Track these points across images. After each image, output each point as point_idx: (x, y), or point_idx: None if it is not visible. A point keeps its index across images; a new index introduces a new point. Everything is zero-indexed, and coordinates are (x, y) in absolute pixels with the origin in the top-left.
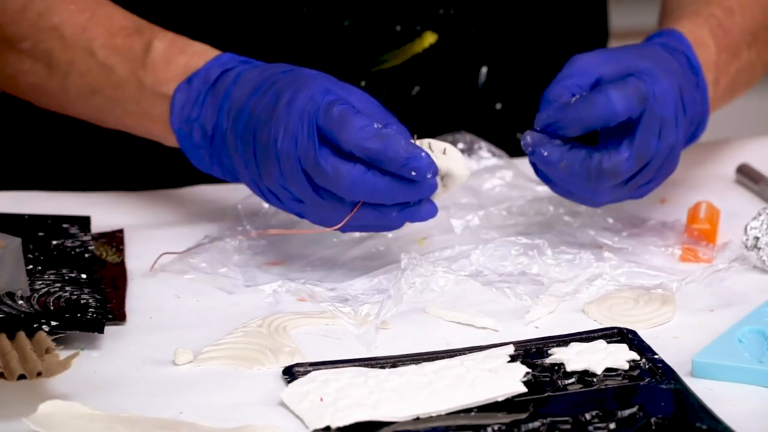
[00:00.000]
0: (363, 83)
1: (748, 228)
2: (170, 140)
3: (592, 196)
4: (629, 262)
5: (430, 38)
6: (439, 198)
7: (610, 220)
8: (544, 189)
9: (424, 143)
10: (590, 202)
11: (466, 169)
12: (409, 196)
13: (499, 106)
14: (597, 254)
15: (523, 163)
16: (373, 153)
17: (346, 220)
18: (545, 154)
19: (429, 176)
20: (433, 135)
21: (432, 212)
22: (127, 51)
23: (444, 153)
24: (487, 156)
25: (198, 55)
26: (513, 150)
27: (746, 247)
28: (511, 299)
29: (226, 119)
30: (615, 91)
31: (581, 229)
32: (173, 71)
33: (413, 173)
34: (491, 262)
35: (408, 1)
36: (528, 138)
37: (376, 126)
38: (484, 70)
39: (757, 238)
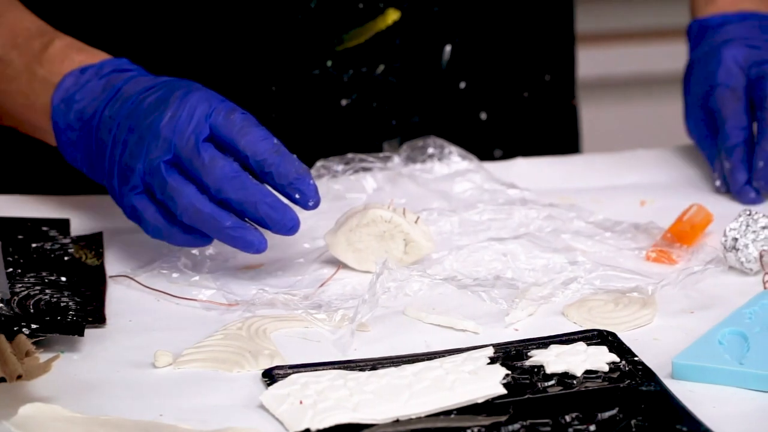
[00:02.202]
0: (329, 63)
1: (728, 229)
2: (50, 132)
3: None
4: (603, 265)
5: (393, 15)
6: (398, 263)
7: (584, 224)
8: (514, 192)
9: (398, 209)
10: None
11: (432, 244)
12: (270, 212)
13: (463, 84)
14: (571, 258)
15: (493, 166)
16: (267, 164)
17: (324, 283)
18: None
19: (311, 204)
20: (399, 114)
21: (259, 246)
22: (26, 48)
23: (416, 222)
24: (457, 160)
25: (96, 56)
26: (476, 130)
27: (725, 248)
28: (487, 303)
29: (110, 107)
30: None
31: (554, 234)
32: (68, 65)
33: (297, 195)
34: (465, 267)
35: None
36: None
37: (275, 141)
38: (447, 48)
39: (736, 239)
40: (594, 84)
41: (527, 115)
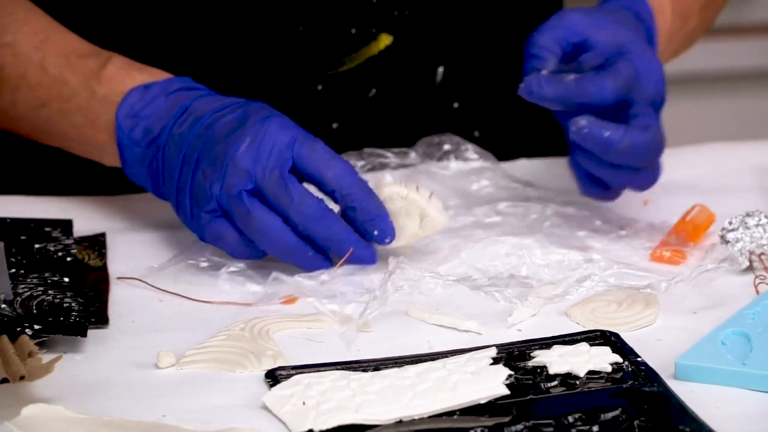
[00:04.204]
0: (320, 87)
1: (726, 223)
2: (111, 151)
3: (632, 180)
4: (618, 263)
5: (385, 40)
6: (412, 239)
7: (599, 222)
8: (530, 190)
9: (411, 186)
10: (615, 190)
11: (446, 218)
12: (354, 244)
13: (456, 105)
14: (586, 255)
15: (510, 165)
16: (351, 199)
17: (342, 261)
18: (607, 134)
19: (387, 241)
20: (391, 137)
21: (368, 260)
22: (81, 67)
23: (430, 198)
24: (473, 157)
25: (157, 75)
26: None
27: (720, 240)
28: (500, 302)
29: (179, 125)
30: (610, 82)
31: (570, 231)
32: (129, 84)
33: (376, 232)
34: (480, 261)
35: (363, 5)
36: (583, 122)
37: (358, 177)
38: (440, 69)
39: (729, 231)
40: None
41: (518, 125)
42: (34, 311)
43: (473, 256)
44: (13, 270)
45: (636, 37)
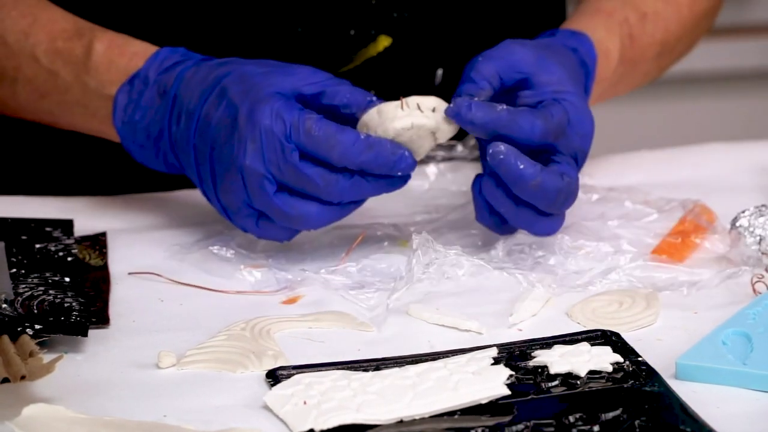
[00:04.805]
0: None
1: (740, 212)
2: (116, 137)
3: (534, 223)
4: (645, 256)
5: (384, 42)
6: (431, 149)
7: (631, 205)
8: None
9: (412, 102)
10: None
11: (456, 123)
12: (390, 188)
13: None
14: (616, 246)
15: None
16: (365, 164)
17: (348, 252)
18: (521, 167)
19: (411, 171)
20: None
21: (404, 183)
22: (69, 55)
23: (433, 111)
24: None
25: (137, 55)
26: None
27: (731, 226)
28: (523, 284)
29: (175, 123)
30: (541, 122)
31: (601, 221)
32: (115, 74)
33: (399, 173)
34: (511, 255)
35: (362, 6)
36: (501, 147)
37: (362, 136)
38: (439, 72)
39: (737, 219)
40: None
41: None
42: (35, 311)
43: (503, 251)
44: (14, 270)
45: (576, 87)
